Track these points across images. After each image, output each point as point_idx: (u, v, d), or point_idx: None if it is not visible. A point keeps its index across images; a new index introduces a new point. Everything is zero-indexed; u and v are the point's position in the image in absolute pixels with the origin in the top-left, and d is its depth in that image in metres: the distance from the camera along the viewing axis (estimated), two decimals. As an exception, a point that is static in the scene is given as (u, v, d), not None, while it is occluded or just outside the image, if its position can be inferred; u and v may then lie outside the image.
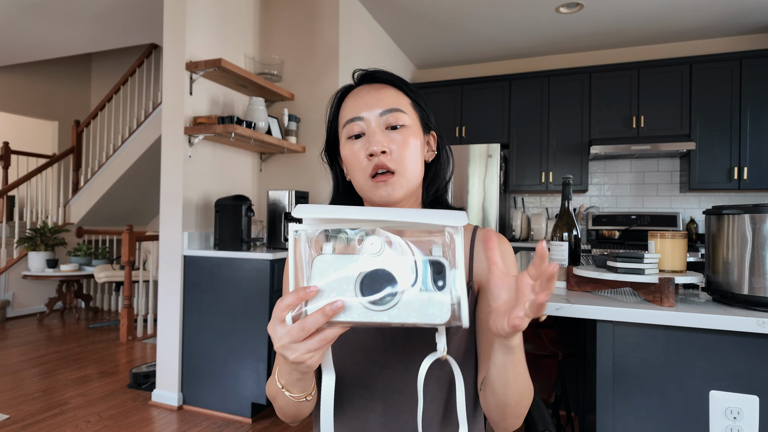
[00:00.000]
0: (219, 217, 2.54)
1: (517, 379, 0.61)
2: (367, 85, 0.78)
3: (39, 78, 5.73)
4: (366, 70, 0.81)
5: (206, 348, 2.46)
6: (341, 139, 0.78)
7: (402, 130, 0.74)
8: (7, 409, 2.44)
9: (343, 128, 0.77)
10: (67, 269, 4.54)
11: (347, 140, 0.76)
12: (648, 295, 1.03)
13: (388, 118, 0.74)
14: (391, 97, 0.76)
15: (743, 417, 0.91)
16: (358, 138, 0.75)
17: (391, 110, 0.74)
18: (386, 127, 0.74)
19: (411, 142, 0.74)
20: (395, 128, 0.74)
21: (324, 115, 0.85)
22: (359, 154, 0.74)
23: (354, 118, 0.75)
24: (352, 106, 0.76)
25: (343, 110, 0.79)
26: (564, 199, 1.26)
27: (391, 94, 0.76)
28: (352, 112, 0.76)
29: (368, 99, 0.75)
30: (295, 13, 3.09)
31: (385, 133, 0.74)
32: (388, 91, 0.77)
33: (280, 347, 0.51)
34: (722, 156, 3.49)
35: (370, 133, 0.74)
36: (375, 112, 0.74)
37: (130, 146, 4.89)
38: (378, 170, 0.72)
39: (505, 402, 0.64)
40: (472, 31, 3.80)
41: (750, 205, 0.94)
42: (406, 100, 0.78)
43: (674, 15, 3.44)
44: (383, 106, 0.74)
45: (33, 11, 3.72)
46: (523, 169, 4.00)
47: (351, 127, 0.75)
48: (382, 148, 0.71)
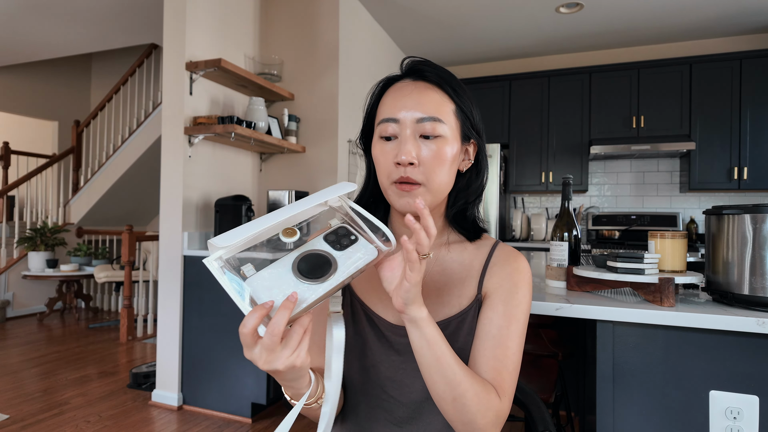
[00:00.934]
0: (219, 217, 2.54)
1: (439, 363, 0.62)
2: (412, 82, 0.72)
3: (39, 78, 5.73)
4: (415, 60, 0.75)
5: (206, 348, 2.46)
6: (375, 134, 0.74)
7: (437, 141, 0.69)
8: (7, 409, 2.44)
9: (378, 125, 0.72)
10: (67, 269, 4.54)
11: (379, 139, 0.72)
12: (648, 295, 1.03)
13: (425, 126, 0.69)
14: (434, 102, 0.70)
15: (743, 417, 0.91)
16: (389, 140, 0.70)
17: (430, 119, 0.69)
18: (420, 135, 0.69)
19: (444, 154, 0.69)
20: (430, 138, 0.69)
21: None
22: (387, 157, 0.70)
23: (389, 119, 0.70)
24: (391, 104, 0.71)
25: (382, 104, 0.73)
26: (564, 199, 1.26)
27: (434, 98, 0.70)
28: (389, 110, 0.71)
29: (408, 100, 0.70)
30: (295, 13, 3.09)
31: (417, 142, 0.69)
32: (432, 94, 0.71)
33: (264, 364, 0.52)
34: (722, 156, 3.49)
35: (402, 139, 0.69)
36: (412, 116, 0.69)
37: (130, 146, 4.89)
38: (403, 180, 0.69)
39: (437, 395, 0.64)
40: (472, 31, 3.80)
41: (750, 205, 0.94)
42: (450, 105, 0.72)
43: (674, 15, 3.44)
44: (422, 111, 0.69)
45: (33, 11, 3.72)
46: (523, 169, 4.00)
47: (384, 127, 0.71)
48: (411, 159, 0.67)
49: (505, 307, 0.71)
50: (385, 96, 0.74)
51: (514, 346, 0.70)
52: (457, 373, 0.62)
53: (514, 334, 0.71)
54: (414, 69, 0.73)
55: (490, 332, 0.70)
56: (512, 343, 0.70)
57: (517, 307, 0.72)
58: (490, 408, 0.64)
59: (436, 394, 0.64)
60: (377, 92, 0.76)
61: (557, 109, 3.91)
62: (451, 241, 0.79)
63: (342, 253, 0.58)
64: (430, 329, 0.62)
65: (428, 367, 0.62)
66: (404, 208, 0.70)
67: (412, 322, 0.61)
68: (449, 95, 0.72)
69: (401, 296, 0.59)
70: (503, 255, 0.77)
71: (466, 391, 0.63)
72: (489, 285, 0.74)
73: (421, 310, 0.61)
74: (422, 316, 0.61)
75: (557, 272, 1.24)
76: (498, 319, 0.71)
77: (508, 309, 0.71)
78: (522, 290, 0.73)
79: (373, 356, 0.74)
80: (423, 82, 0.72)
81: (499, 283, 0.74)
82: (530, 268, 0.77)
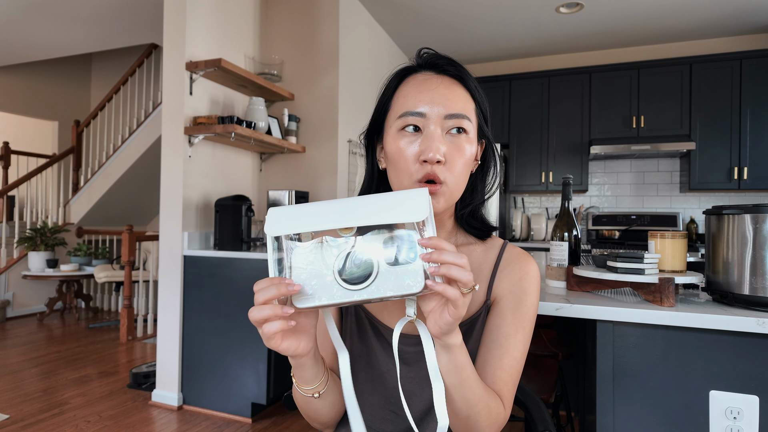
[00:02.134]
0: (219, 217, 2.54)
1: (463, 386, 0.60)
2: (435, 76, 0.68)
3: (39, 78, 5.73)
4: (433, 53, 0.70)
5: (206, 348, 2.46)
6: (389, 129, 0.69)
7: (462, 139, 0.66)
8: (7, 409, 2.44)
9: (397, 119, 0.67)
10: (67, 269, 4.54)
11: (398, 132, 0.67)
12: (648, 295, 1.03)
13: (451, 123, 0.65)
14: (461, 99, 0.67)
15: (743, 417, 0.91)
16: (412, 133, 0.66)
17: (459, 116, 0.66)
18: (447, 131, 0.66)
19: (467, 151, 0.67)
20: (456, 134, 0.66)
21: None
22: (409, 153, 0.65)
23: (414, 112, 0.65)
24: (415, 97, 0.66)
25: (400, 96, 0.68)
26: (564, 199, 1.26)
27: (461, 95, 0.67)
28: (414, 103, 0.66)
29: (435, 95, 0.66)
30: (295, 13, 3.09)
31: (444, 139, 0.66)
32: (459, 90, 0.68)
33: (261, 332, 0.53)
34: (722, 156, 3.49)
35: (428, 135, 0.65)
36: (440, 111, 0.65)
37: (130, 146, 4.89)
38: (428, 179, 0.65)
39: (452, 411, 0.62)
40: (472, 31, 3.80)
41: (750, 205, 0.94)
42: (472, 104, 0.69)
43: (674, 15, 3.44)
44: (451, 108, 0.65)
45: (33, 11, 3.72)
46: (523, 169, 4.00)
47: (406, 120, 0.66)
48: (440, 157, 0.63)
49: (514, 315, 0.70)
50: (403, 88, 0.69)
51: (519, 355, 0.70)
52: (476, 394, 0.61)
53: (520, 343, 0.70)
54: (435, 63, 0.69)
55: (497, 340, 0.69)
56: (518, 352, 0.70)
57: (526, 315, 0.71)
58: (497, 422, 0.65)
59: (451, 410, 0.62)
60: (394, 83, 0.71)
61: (557, 109, 3.91)
62: (459, 243, 0.77)
63: (390, 269, 0.52)
64: (461, 356, 0.59)
65: (450, 389, 0.60)
66: None
67: (446, 347, 0.57)
68: (471, 93, 0.69)
69: (440, 326, 0.54)
70: (512, 258, 0.75)
71: (481, 410, 0.62)
72: (498, 290, 0.72)
73: (457, 337, 0.57)
74: (457, 343, 0.57)
75: (557, 272, 1.24)
76: (506, 327, 0.69)
77: (516, 317, 0.70)
78: (531, 297, 0.72)
79: (380, 366, 0.72)
80: (447, 76, 0.68)
81: (509, 289, 0.72)
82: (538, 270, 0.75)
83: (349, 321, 0.76)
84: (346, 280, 0.52)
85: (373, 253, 0.53)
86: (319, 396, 0.64)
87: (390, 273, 0.52)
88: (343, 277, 0.52)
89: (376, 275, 0.52)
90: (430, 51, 0.71)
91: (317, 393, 0.64)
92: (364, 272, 0.52)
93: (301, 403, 0.68)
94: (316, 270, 0.53)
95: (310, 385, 0.63)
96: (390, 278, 0.52)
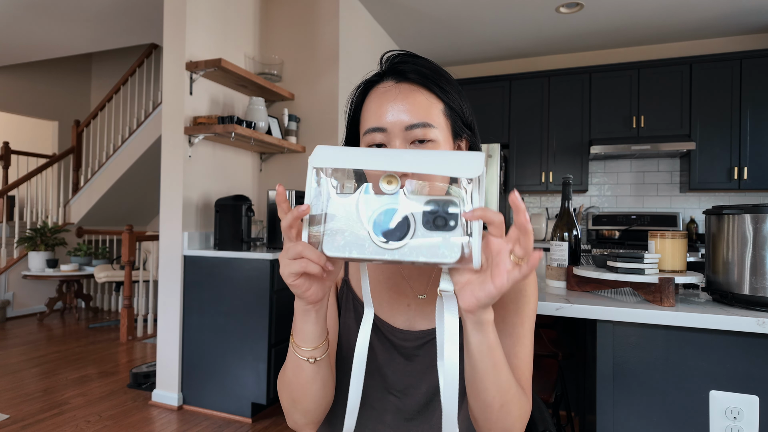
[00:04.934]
0: (219, 217, 2.54)
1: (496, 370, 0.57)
2: (395, 84, 0.67)
3: (39, 78, 5.73)
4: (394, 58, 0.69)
5: (206, 348, 2.46)
6: (361, 144, 0.70)
7: (428, 146, 0.65)
8: (7, 409, 2.44)
9: (364, 135, 0.67)
10: (67, 269, 4.54)
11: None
12: (648, 295, 1.03)
13: (416, 133, 0.64)
14: (421, 105, 0.66)
15: (743, 417, 0.91)
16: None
17: (420, 125, 0.64)
18: (411, 142, 0.65)
19: None
20: (422, 142, 0.65)
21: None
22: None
23: (375, 128, 0.65)
24: (376, 112, 0.66)
25: (365, 110, 0.68)
26: (564, 199, 1.26)
27: (421, 100, 0.66)
28: (374, 119, 0.66)
29: (393, 108, 0.65)
30: (295, 13, 3.09)
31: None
32: (419, 96, 0.66)
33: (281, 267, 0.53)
34: (722, 156, 3.49)
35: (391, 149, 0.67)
36: (400, 123, 0.65)
37: (130, 146, 4.89)
38: None
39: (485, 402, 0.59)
40: (473, 31, 3.80)
41: (750, 205, 0.94)
42: (438, 105, 0.67)
43: (674, 15, 3.44)
44: (411, 117, 0.65)
45: (33, 11, 3.72)
46: (523, 169, 4.00)
47: (372, 137, 0.66)
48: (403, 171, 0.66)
49: (516, 306, 0.71)
50: (367, 101, 0.69)
51: (528, 343, 0.71)
52: (509, 379, 0.59)
53: (527, 331, 0.71)
54: (395, 69, 0.68)
55: (505, 330, 0.70)
56: (527, 340, 0.70)
57: (527, 305, 0.72)
58: (526, 411, 0.64)
59: (483, 401, 0.60)
60: (357, 97, 0.71)
61: (557, 109, 3.91)
62: None
63: (427, 234, 0.49)
64: (493, 334, 0.56)
65: (483, 374, 0.57)
66: None
67: (479, 324, 0.54)
68: (436, 94, 0.68)
69: (479, 297, 0.50)
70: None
71: (513, 397, 0.60)
72: None
73: (490, 313, 0.55)
74: (490, 318, 0.55)
75: (557, 272, 1.24)
76: (511, 317, 0.70)
77: (518, 308, 0.71)
78: (529, 288, 0.72)
79: (378, 360, 0.73)
80: (406, 83, 0.67)
81: None
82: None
83: (347, 316, 0.76)
84: (381, 237, 0.50)
85: (413, 214, 0.50)
86: (315, 362, 0.61)
87: (426, 237, 0.49)
88: (378, 233, 0.50)
89: (411, 237, 0.49)
90: (393, 54, 0.69)
91: (314, 358, 0.61)
92: (400, 232, 0.50)
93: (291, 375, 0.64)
94: (351, 221, 0.50)
95: (309, 345, 0.60)
96: (425, 243, 0.49)
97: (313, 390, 0.64)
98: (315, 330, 0.59)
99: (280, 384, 0.68)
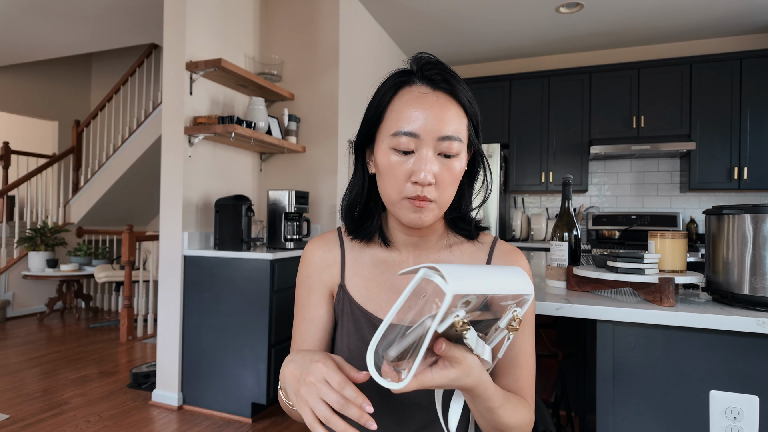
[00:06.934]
0: (219, 217, 2.54)
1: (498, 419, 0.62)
2: (431, 92, 0.66)
3: (39, 78, 5.73)
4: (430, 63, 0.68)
5: (206, 348, 2.46)
6: (382, 142, 0.68)
7: (453, 159, 0.66)
8: (7, 409, 2.44)
9: (391, 135, 0.66)
10: (67, 269, 4.54)
11: (390, 149, 0.67)
12: (648, 295, 1.03)
13: (444, 145, 0.65)
14: (455, 119, 0.66)
15: (743, 417, 0.91)
16: (405, 154, 0.66)
17: (451, 138, 0.65)
18: (438, 153, 0.66)
19: (456, 170, 0.67)
20: (448, 156, 0.66)
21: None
22: (401, 172, 0.66)
23: (407, 132, 0.65)
24: (409, 115, 0.65)
25: (395, 110, 0.67)
26: (564, 199, 1.26)
27: (455, 114, 0.66)
28: (406, 122, 0.65)
29: (429, 116, 0.64)
30: (295, 13, 3.09)
31: (437, 161, 0.65)
32: (453, 109, 0.66)
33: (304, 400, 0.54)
34: (722, 156, 3.49)
35: (421, 157, 0.65)
36: (434, 133, 0.64)
37: (130, 146, 4.89)
38: (418, 198, 0.65)
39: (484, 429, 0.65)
40: (473, 31, 3.80)
41: (750, 205, 0.94)
42: (465, 121, 0.68)
43: (674, 15, 3.44)
44: (444, 130, 0.65)
45: (33, 11, 3.72)
46: (523, 169, 4.00)
47: (400, 140, 0.65)
48: (431, 179, 0.64)
49: None
50: (398, 101, 0.67)
51: (530, 350, 0.71)
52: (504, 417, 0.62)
53: (529, 337, 0.71)
54: (431, 76, 0.67)
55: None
56: (529, 347, 0.71)
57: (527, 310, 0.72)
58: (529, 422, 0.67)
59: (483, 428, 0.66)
60: (390, 94, 0.68)
61: (557, 109, 3.91)
62: (452, 243, 0.78)
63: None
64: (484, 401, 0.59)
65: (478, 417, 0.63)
66: (414, 223, 0.68)
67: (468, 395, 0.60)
68: (465, 109, 0.68)
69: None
70: (503, 254, 0.77)
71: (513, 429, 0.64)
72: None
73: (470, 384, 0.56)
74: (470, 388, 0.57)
75: (557, 272, 1.24)
76: None
77: None
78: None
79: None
80: (444, 93, 0.67)
81: None
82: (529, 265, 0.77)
83: (345, 320, 0.76)
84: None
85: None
86: None
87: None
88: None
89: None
90: (430, 59, 0.68)
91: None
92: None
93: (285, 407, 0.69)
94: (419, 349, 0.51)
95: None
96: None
97: None
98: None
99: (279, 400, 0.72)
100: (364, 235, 0.77)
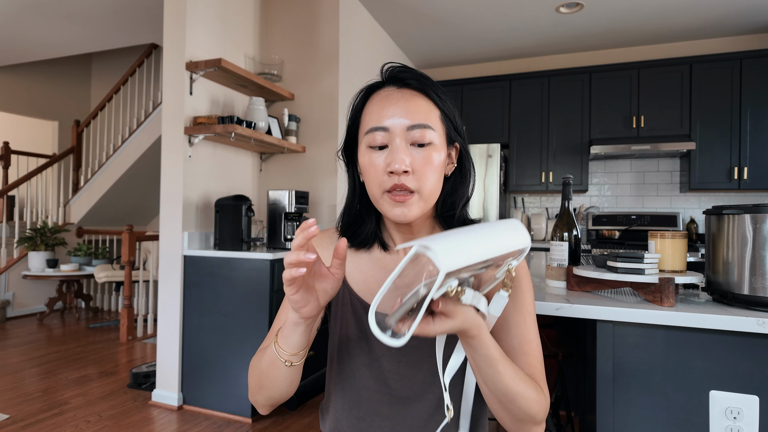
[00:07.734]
0: (219, 217, 2.54)
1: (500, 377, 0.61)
2: (396, 89, 0.71)
3: (39, 78, 5.72)
4: (396, 67, 0.73)
5: (206, 348, 2.46)
6: (361, 144, 0.73)
7: (427, 148, 0.69)
8: (7, 409, 2.44)
9: (365, 135, 0.71)
10: (67, 269, 4.54)
11: (367, 149, 0.71)
12: (648, 295, 1.03)
13: (415, 134, 0.68)
14: (422, 109, 0.70)
15: (743, 417, 0.91)
16: (380, 149, 0.69)
17: (420, 126, 0.68)
18: (411, 143, 0.69)
19: (434, 160, 0.69)
20: (421, 145, 0.69)
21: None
22: (378, 166, 0.69)
23: (377, 128, 0.69)
24: (378, 113, 0.70)
25: (367, 113, 0.72)
26: (564, 199, 1.26)
27: (422, 105, 0.70)
28: (376, 119, 0.70)
29: (396, 109, 0.69)
30: (295, 13, 3.09)
31: (409, 150, 0.68)
32: (419, 101, 0.70)
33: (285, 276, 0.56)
34: (722, 156, 3.49)
35: (393, 148, 0.68)
36: (402, 124, 0.68)
37: (130, 146, 4.89)
38: (397, 189, 0.68)
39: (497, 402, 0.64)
40: (473, 31, 3.80)
41: (750, 205, 0.94)
42: (436, 112, 0.72)
43: (674, 15, 3.44)
44: (412, 119, 0.68)
45: (33, 11, 3.72)
46: (523, 169, 4.00)
47: (373, 136, 0.69)
48: (405, 167, 0.67)
49: (514, 302, 0.72)
50: (369, 105, 0.72)
51: (534, 337, 0.71)
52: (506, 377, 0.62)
53: (531, 325, 0.72)
54: (396, 77, 0.72)
55: (509, 329, 0.71)
56: (533, 335, 0.71)
57: (525, 300, 0.73)
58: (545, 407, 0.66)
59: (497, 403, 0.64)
60: (359, 101, 0.75)
61: (557, 109, 3.91)
62: None
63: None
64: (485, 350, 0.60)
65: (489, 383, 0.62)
66: (398, 218, 0.69)
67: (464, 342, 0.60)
68: (434, 101, 0.72)
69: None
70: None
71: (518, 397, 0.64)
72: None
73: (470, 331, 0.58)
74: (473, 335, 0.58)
75: (557, 272, 1.24)
76: (512, 315, 0.72)
77: (517, 303, 0.72)
78: (524, 283, 0.74)
79: (376, 351, 0.75)
80: (408, 89, 0.71)
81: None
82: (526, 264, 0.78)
83: (340, 309, 0.78)
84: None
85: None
86: (290, 366, 0.65)
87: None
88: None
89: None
90: (394, 65, 0.73)
91: (290, 362, 0.64)
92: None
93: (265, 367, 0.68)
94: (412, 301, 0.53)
95: (291, 351, 0.64)
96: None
97: (281, 385, 0.68)
98: (301, 340, 0.63)
99: (253, 367, 0.71)
100: (361, 242, 0.78)
